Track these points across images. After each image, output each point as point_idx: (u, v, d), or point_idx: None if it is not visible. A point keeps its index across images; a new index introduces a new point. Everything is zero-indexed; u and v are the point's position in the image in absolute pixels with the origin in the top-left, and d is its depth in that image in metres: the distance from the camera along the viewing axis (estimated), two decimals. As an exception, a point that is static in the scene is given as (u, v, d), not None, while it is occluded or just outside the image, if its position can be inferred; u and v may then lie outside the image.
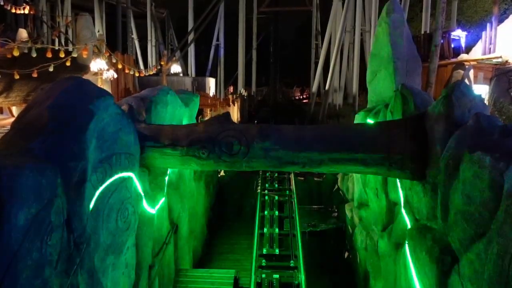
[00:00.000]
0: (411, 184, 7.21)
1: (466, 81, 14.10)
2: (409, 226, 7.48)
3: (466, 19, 33.18)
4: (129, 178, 6.71)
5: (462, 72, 14.97)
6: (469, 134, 5.35)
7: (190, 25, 46.50)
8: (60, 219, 4.76)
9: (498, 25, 16.52)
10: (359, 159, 6.90)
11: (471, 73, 15.03)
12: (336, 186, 16.14)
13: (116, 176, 6.23)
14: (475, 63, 15.66)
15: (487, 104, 11.25)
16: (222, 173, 18.08)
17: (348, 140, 7.01)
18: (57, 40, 22.50)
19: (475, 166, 4.69)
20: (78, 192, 5.13)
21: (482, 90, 14.69)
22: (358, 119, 11.48)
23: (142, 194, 7.42)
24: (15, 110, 15.62)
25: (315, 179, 17.47)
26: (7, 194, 3.95)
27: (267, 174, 16.03)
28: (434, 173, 6.14)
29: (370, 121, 10.17)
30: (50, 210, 4.52)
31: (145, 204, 7.63)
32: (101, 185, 5.76)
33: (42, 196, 4.40)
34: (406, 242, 7.08)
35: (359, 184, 11.62)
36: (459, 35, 17.35)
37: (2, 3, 17.84)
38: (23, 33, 17.40)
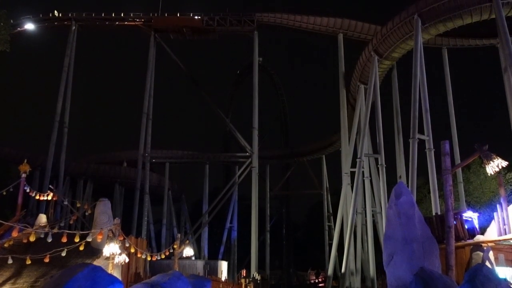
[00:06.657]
0: None
1: (487, 263, 13.59)
2: None
3: (474, 200, 33.78)
4: None
5: (481, 254, 14.54)
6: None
7: (205, 208, 47.94)
8: None
9: (508, 205, 16.63)
10: None
11: (491, 254, 14.58)
12: None
13: None
14: (493, 244, 15.31)
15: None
16: None
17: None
18: (74, 225, 23.03)
19: None
20: None
21: (506, 273, 14.03)
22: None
23: None
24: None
25: None
26: None
27: None
28: None
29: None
30: None
31: None
32: None
33: None
34: None
35: None
36: (471, 216, 17.37)
37: (28, 191, 18.81)
38: (42, 219, 17.95)
